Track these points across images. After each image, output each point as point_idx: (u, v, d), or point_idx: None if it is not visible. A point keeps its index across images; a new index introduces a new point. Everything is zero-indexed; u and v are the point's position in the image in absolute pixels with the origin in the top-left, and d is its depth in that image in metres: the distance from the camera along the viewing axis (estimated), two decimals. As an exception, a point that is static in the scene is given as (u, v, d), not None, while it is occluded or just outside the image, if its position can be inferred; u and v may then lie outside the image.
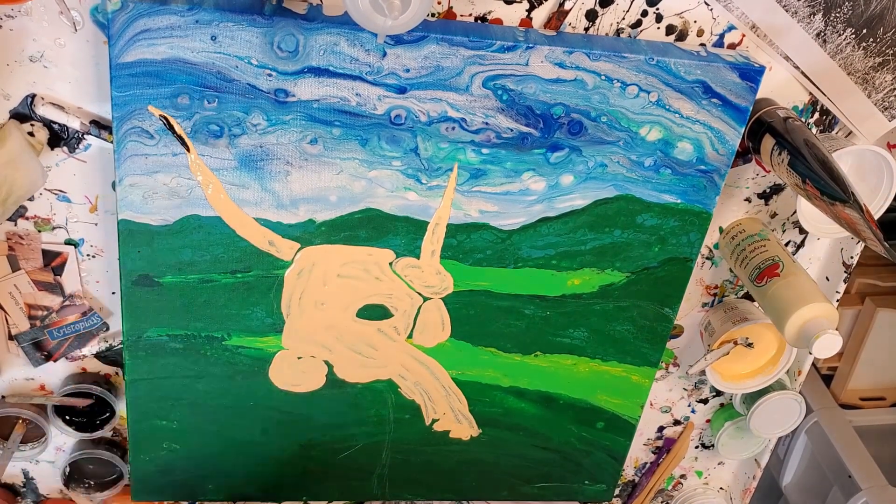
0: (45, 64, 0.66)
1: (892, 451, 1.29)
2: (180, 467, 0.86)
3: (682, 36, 0.72)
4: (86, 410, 0.83)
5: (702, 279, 0.87)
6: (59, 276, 0.76)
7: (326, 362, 0.82)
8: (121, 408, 0.85)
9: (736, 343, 0.85)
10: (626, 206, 0.75)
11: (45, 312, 0.78)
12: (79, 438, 0.86)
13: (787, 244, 0.86)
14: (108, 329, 0.80)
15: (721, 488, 1.07)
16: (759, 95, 0.73)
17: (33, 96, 0.68)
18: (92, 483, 0.89)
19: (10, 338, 0.79)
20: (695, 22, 0.71)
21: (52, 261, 0.76)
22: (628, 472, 1.03)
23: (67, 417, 0.84)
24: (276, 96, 0.66)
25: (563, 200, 0.75)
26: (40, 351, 0.80)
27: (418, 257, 0.76)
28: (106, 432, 0.84)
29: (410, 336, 0.81)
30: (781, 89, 0.76)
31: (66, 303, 0.77)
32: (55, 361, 0.81)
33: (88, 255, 0.76)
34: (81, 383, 0.81)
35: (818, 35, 0.72)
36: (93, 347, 0.81)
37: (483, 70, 0.67)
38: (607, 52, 0.67)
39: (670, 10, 0.70)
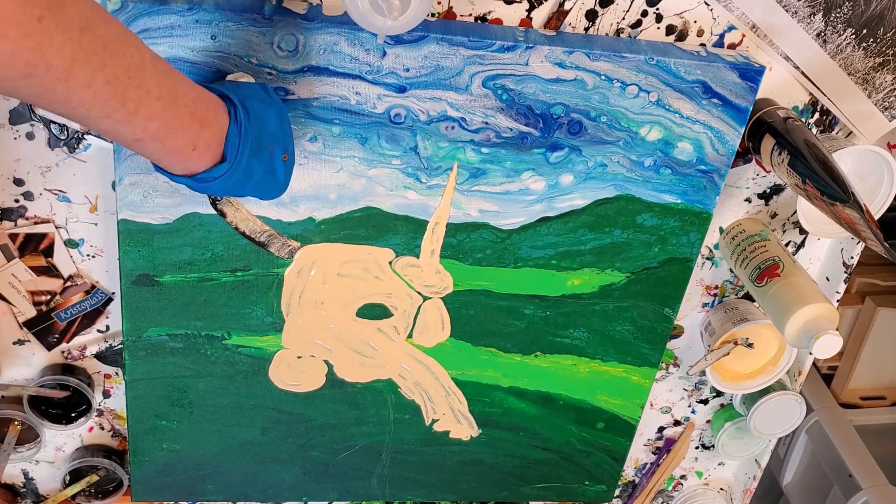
0: (45, 63, 0.66)
1: (892, 451, 1.29)
2: (180, 467, 0.86)
3: (682, 36, 0.72)
4: (62, 402, 0.83)
5: (702, 279, 0.87)
6: (50, 258, 0.76)
7: (326, 362, 0.82)
8: (100, 401, 0.84)
9: (736, 343, 0.85)
10: (626, 206, 0.75)
11: (49, 297, 0.78)
12: (54, 430, 0.84)
13: (787, 244, 0.86)
14: (112, 301, 0.79)
15: (721, 489, 1.07)
16: (759, 95, 0.73)
17: (33, 96, 0.68)
18: (92, 490, 0.89)
19: (21, 326, 0.79)
20: (695, 22, 0.71)
21: (39, 244, 0.75)
22: (628, 472, 1.02)
23: (43, 408, 0.83)
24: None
25: (562, 200, 0.75)
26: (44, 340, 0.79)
27: (418, 256, 0.76)
28: (81, 425, 0.84)
29: (410, 336, 0.81)
30: (781, 89, 0.75)
31: (68, 283, 0.77)
32: (68, 342, 0.80)
33: (88, 255, 0.76)
34: (58, 375, 0.80)
35: (818, 35, 0.72)
36: (93, 348, 0.81)
37: (483, 70, 0.67)
38: (607, 52, 0.67)
39: (670, 10, 0.70)
